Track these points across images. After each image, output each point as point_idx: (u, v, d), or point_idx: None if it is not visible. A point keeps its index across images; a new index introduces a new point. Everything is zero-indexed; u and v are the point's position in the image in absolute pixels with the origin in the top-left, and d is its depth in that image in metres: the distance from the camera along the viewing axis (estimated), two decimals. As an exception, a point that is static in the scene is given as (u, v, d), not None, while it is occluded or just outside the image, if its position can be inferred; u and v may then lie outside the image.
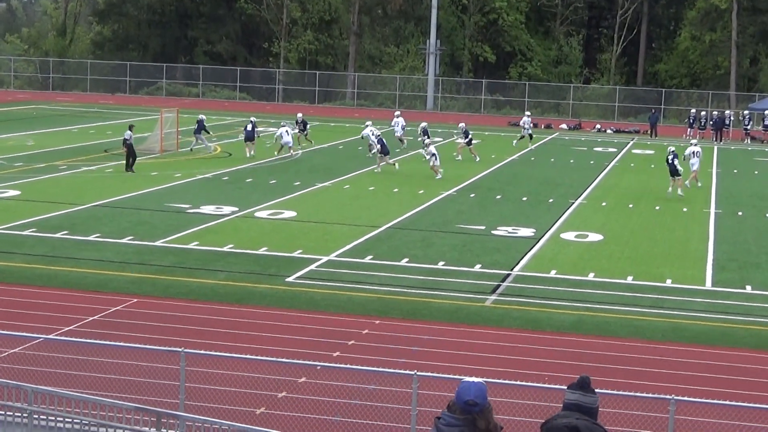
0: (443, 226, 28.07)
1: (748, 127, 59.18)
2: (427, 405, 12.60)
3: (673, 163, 34.15)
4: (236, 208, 29.64)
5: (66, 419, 11.31)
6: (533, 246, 25.78)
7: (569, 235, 27.31)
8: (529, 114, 53.05)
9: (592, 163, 44.75)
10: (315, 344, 16.86)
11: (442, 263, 23.26)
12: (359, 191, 34.17)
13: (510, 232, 27.48)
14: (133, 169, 36.24)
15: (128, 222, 27.11)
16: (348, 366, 14.15)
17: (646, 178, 40.07)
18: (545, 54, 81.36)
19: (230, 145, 46.50)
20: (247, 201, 30.99)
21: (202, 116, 44.80)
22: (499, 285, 21.58)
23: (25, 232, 25.30)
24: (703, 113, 60.03)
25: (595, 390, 6.53)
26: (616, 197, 34.61)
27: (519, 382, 13.21)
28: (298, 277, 21.57)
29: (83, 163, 38.43)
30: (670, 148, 35.39)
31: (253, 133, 42.27)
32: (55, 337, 15.73)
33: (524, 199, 33.56)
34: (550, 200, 33.37)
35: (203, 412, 12.70)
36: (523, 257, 24.36)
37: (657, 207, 32.71)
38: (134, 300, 19.40)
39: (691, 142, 40.78)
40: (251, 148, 41.94)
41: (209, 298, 19.80)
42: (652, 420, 13.21)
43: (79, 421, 11.24)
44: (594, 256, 24.79)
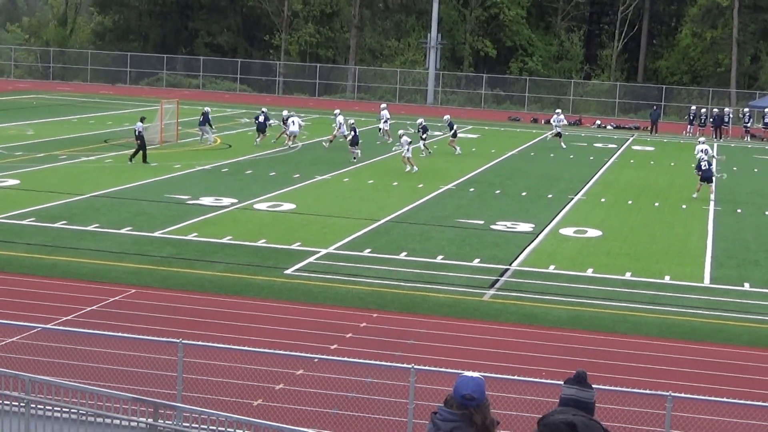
0: (442, 220, 28.07)
1: (748, 124, 59.17)
2: (423, 398, 12.61)
3: (710, 168, 33.21)
4: (235, 200, 29.64)
5: (63, 409, 11.32)
6: (532, 241, 25.79)
7: (568, 231, 27.32)
8: (559, 111, 51.28)
9: (591, 158, 44.74)
10: (313, 337, 16.87)
11: (440, 257, 23.27)
12: (358, 184, 34.16)
13: (509, 227, 27.49)
14: (147, 160, 36.19)
15: (127, 212, 27.10)
16: (345, 359, 14.17)
17: (646, 174, 40.07)
18: (546, 49, 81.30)
19: (230, 136, 46.47)
20: (246, 193, 30.99)
21: (207, 108, 44.78)
22: (498, 280, 21.59)
23: (24, 222, 25.30)
24: (703, 110, 60.04)
25: (592, 385, 6.53)
26: (616, 193, 34.62)
27: (516, 377, 13.22)
28: (297, 270, 21.58)
29: (83, 153, 38.41)
30: (701, 150, 34.65)
31: (264, 124, 43.23)
32: (53, 327, 15.74)
33: (523, 194, 33.57)
34: (550, 195, 33.37)
35: (200, 403, 12.72)
36: (521, 252, 24.37)
37: (656, 203, 32.72)
38: (133, 290, 19.41)
39: (699, 140, 40.48)
40: (263, 137, 43.32)
41: (207, 289, 19.81)
42: (649, 416, 13.23)
43: (76, 410, 11.26)
44: (593, 252, 24.80)
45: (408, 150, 37.02)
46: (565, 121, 51.17)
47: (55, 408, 11.34)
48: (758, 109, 61.30)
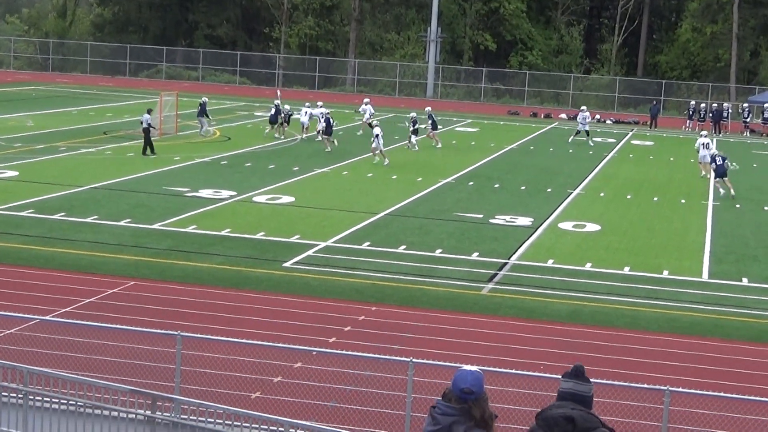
0: (441, 213, 28.07)
1: (748, 119, 59.16)
2: (422, 392, 12.62)
3: (723, 164, 33.04)
4: (234, 193, 29.63)
5: (61, 401, 11.32)
6: (531, 235, 25.79)
7: (567, 225, 27.32)
8: (584, 108, 50.09)
9: (591, 153, 44.72)
10: (311, 329, 16.88)
11: (439, 251, 23.27)
12: (358, 177, 34.16)
13: (508, 221, 27.49)
14: (155, 151, 36.25)
15: (126, 204, 27.09)
16: (344, 352, 14.16)
17: (645, 169, 40.07)
18: (546, 43, 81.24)
19: (229, 129, 46.44)
20: (245, 185, 30.98)
21: (204, 99, 44.80)
22: (496, 273, 21.59)
23: (22, 213, 25.29)
24: (702, 105, 60.00)
25: (590, 379, 6.53)
26: (615, 188, 34.61)
27: (514, 371, 13.22)
28: (296, 263, 21.58)
29: (82, 145, 38.38)
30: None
31: (276, 116, 43.48)
32: (51, 319, 15.74)
33: (522, 188, 33.56)
34: (549, 190, 33.36)
35: (198, 395, 12.73)
36: (520, 246, 24.37)
37: (655, 198, 32.72)
38: (131, 283, 19.41)
39: (701, 134, 40.45)
40: (274, 130, 43.59)
41: (206, 281, 19.81)
42: (647, 410, 13.24)
43: (74, 402, 11.25)
44: (591, 247, 24.80)
45: (378, 142, 37.10)
46: (590, 118, 50.37)
47: (53, 399, 11.34)
48: (757, 105, 61.27)
